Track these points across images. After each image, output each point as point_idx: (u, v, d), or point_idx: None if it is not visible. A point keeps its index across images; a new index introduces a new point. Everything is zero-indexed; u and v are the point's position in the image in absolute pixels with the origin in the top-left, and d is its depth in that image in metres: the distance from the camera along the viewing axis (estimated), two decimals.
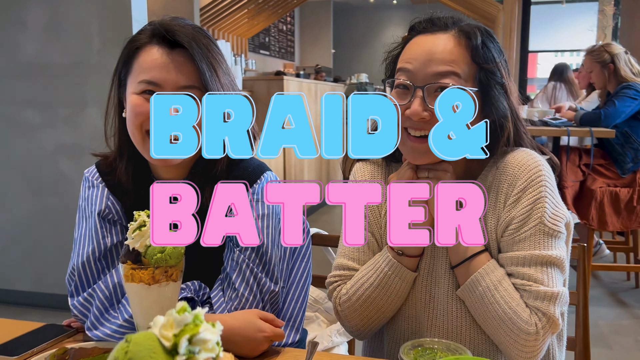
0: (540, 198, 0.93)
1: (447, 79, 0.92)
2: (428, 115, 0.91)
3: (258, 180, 1.07)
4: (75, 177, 3.10)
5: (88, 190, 1.12)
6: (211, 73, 1.03)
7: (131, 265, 0.79)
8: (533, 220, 0.93)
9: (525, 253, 0.92)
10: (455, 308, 0.98)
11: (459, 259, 0.95)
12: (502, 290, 0.91)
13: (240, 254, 1.03)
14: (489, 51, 0.96)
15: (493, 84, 0.95)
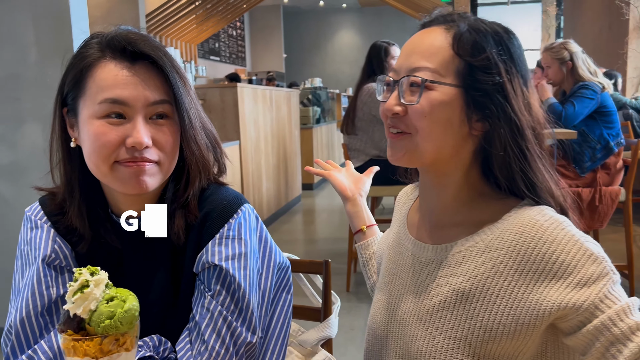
0: (602, 283, 0.76)
1: (419, 73, 0.83)
2: (401, 110, 0.85)
3: (234, 214, 0.93)
4: (12, 199, 2.86)
5: (31, 232, 0.95)
6: (183, 85, 0.89)
7: (73, 335, 0.64)
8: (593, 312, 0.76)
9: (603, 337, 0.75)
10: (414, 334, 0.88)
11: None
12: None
13: (213, 300, 0.89)
14: (477, 42, 0.83)
15: (481, 82, 0.82)
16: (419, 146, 0.84)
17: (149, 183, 0.88)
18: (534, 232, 0.79)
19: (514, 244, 0.80)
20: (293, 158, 6.44)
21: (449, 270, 0.87)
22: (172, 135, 0.89)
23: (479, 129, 0.85)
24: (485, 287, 0.82)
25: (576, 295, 0.75)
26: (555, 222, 0.80)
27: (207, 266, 0.91)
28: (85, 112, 0.87)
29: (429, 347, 0.85)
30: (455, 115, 0.83)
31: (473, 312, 0.82)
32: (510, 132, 0.83)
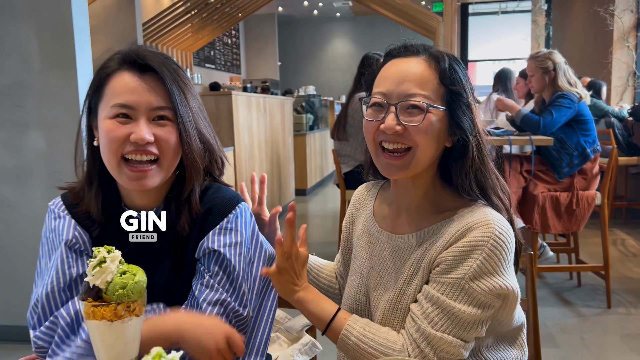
0: (474, 254, 0.98)
1: (417, 98, 1.01)
2: (401, 129, 1.01)
3: (233, 210, 1.09)
4: (17, 203, 2.98)
5: (54, 222, 1.10)
6: (180, 95, 1.05)
7: (92, 302, 0.78)
8: (458, 272, 0.98)
9: (438, 294, 0.99)
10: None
11: (323, 327, 1.05)
12: (369, 340, 1.02)
13: (211, 279, 1.05)
14: (455, 74, 1.04)
15: (459, 104, 1.04)
16: (418, 158, 1.02)
17: (149, 184, 1.04)
18: (473, 225, 1.00)
19: (456, 234, 1.01)
20: (286, 164, 6.58)
21: (406, 257, 1.08)
22: (173, 135, 1.05)
23: (450, 142, 1.06)
24: (426, 270, 1.04)
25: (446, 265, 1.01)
26: (489, 226, 0.99)
27: (208, 251, 1.06)
28: (102, 114, 1.04)
29: (390, 322, 1.08)
30: (443, 131, 1.04)
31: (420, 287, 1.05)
32: (477, 143, 1.05)
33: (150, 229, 1.07)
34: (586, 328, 3.00)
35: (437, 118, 1.02)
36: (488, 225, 0.98)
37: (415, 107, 1.01)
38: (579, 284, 3.68)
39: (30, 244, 2.98)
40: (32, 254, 2.98)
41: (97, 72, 1.07)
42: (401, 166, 1.03)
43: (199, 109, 1.11)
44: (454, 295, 0.98)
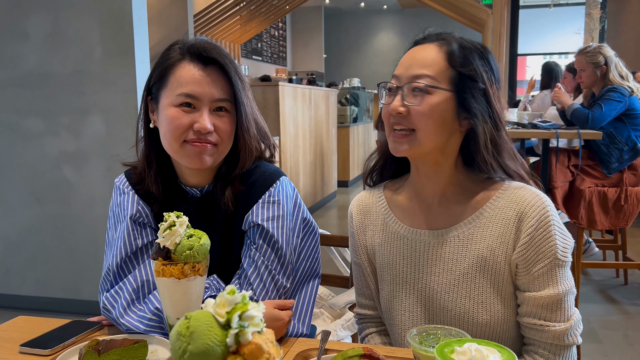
0: (551, 237, 1.02)
1: (421, 80, 1.03)
2: (405, 110, 1.03)
3: (274, 184, 1.17)
4: (77, 184, 3.16)
5: (120, 197, 1.21)
6: (242, 87, 1.14)
7: (162, 261, 0.87)
8: (547, 257, 1.02)
9: (545, 294, 1.02)
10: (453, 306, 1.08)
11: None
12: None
13: (257, 252, 1.13)
14: (466, 57, 1.04)
15: (469, 88, 1.03)
16: (420, 140, 1.03)
17: (207, 161, 1.13)
18: (527, 209, 1.03)
19: (512, 218, 1.04)
20: (330, 155, 6.65)
21: (463, 246, 1.07)
22: (230, 125, 1.14)
23: (465, 126, 1.06)
24: (495, 256, 1.05)
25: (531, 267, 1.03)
26: (542, 204, 1.03)
27: (252, 225, 1.15)
28: (165, 101, 1.12)
29: (461, 312, 1.07)
30: (449, 114, 1.04)
31: (491, 277, 1.06)
32: (492, 127, 1.06)
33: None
34: (630, 326, 2.95)
35: (441, 100, 1.02)
36: (537, 202, 1.03)
37: (419, 90, 1.02)
38: (626, 281, 3.61)
39: (88, 223, 3.17)
40: (90, 232, 3.18)
41: (161, 61, 1.15)
42: (405, 143, 1.04)
43: (253, 101, 1.20)
44: (554, 278, 1.02)
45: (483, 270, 1.05)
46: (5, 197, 3.28)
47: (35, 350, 1.03)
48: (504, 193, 1.07)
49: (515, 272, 1.05)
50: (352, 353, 0.86)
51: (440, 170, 1.09)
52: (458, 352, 0.76)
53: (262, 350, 0.50)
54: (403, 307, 1.13)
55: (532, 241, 1.02)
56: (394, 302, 1.14)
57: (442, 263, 1.09)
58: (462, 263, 1.07)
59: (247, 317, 0.51)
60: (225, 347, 0.50)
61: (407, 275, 1.12)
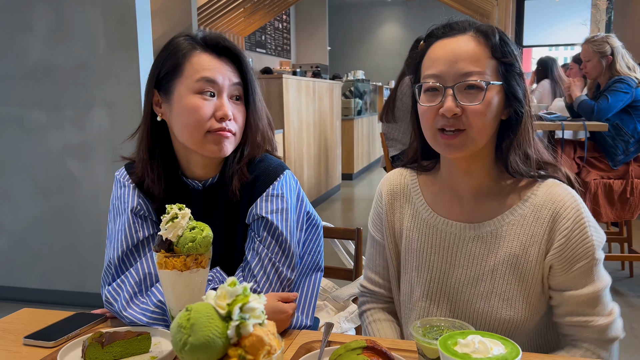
0: (587, 237, 1.00)
1: (474, 77, 0.98)
2: (460, 111, 0.98)
3: (278, 178, 1.17)
4: (82, 177, 3.17)
5: (120, 190, 1.21)
6: (253, 75, 1.16)
7: (165, 253, 0.87)
8: (586, 257, 1.00)
9: (585, 292, 1.01)
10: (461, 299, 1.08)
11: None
12: None
13: (261, 244, 1.13)
14: (506, 45, 1.02)
15: (513, 75, 1.02)
16: (475, 139, 1.00)
17: (228, 149, 1.14)
18: (558, 206, 1.01)
19: (548, 218, 1.02)
20: (334, 148, 6.64)
21: (494, 243, 1.06)
22: (243, 114, 1.16)
23: (506, 115, 1.04)
24: (526, 254, 1.04)
25: (566, 268, 1.01)
26: (576, 205, 1.01)
27: (257, 218, 1.14)
28: (182, 89, 1.12)
29: (485, 307, 1.06)
30: (500, 107, 1.02)
31: (519, 275, 1.04)
32: (528, 111, 1.04)
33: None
34: (636, 318, 2.95)
35: (494, 94, 1.00)
36: (571, 203, 1.01)
37: (473, 87, 0.98)
38: (631, 274, 3.60)
39: (92, 217, 3.18)
40: (94, 225, 3.19)
41: (171, 52, 1.14)
42: (459, 144, 1.00)
43: (260, 90, 1.20)
44: (592, 275, 1.01)
45: (512, 268, 1.04)
46: (10, 190, 3.30)
47: (39, 342, 1.03)
48: (538, 191, 1.04)
49: (549, 273, 1.03)
50: (355, 345, 0.86)
51: (478, 166, 1.06)
52: (461, 344, 0.75)
53: (263, 343, 0.50)
54: (425, 295, 1.12)
55: (568, 242, 1.00)
56: (417, 288, 1.13)
57: (471, 257, 1.07)
58: (492, 259, 1.05)
59: (248, 309, 0.50)
60: (226, 339, 0.49)
61: (434, 265, 1.11)
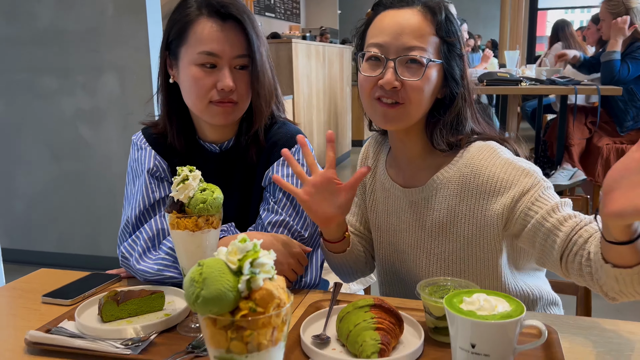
0: (521, 171, 1.00)
1: (416, 52, 0.99)
2: (399, 84, 1.00)
3: (295, 144, 1.19)
4: (94, 142, 3.20)
5: (137, 152, 1.23)
6: (258, 42, 1.14)
7: (176, 214, 0.89)
8: (533, 187, 0.98)
9: (545, 215, 0.96)
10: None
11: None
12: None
13: (276, 205, 1.16)
14: (451, 25, 1.03)
15: (454, 56, 1.03)
16: (411, 114, 1.02)
17: (230, 119, 1.16)
18: (477, 163, 1.03)
19: (467, 176, 1.04)
20: (344, 114, 6.61)
21: (429, 206, 1.10)
22: (247, 83, 1.16)
23: (442, 94, 1.06)
24: (455, 214, 1.07)
25: (514, 203, 0.99)
26: (492, 152, 1.03)
27: (273, 181, 1.15)
28: (186, 59, 1.13)
29: (429, 268, 1.12)
30: (437, 85, 1.04)
31: (451, 236, 1.08)
32: (466, 92, 1.06)
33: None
34: None
35: (433, 72, 1.01)
36: (485, 156, 1.02)
37: (414, 62, 0.99)
38: None
39: (105, 181, 3.22)
40: (108, 190, 3.23)
41: (178, 17, 1.14)
42: (395, 116, 1.02)
43: (267, 55, 1.19)
44: (545, 201, 0.97)
45: (446, 231, 1.07)
46: (24, 155, 3.34)
47: (57, 300, 1.07)
48: (463, 154, 1.06)
49: (505, 227, 1.02)
50: (362, 303, 0.88)
51: (411, 139, 1.09)
52: (467, 302, 0.77)
53: (272, 296, 0.52)
54: (381, 253, 1.21)
55: (502, 186, 1.00)
56: (375, 244, 1.23)
57: (409, 221, 1.13)
58: (427, 222, 1.10)
59: (258, 264, 0.52)
60: (237, 293, 0.51)
61: (384, 225, 1.18)
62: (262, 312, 0.51)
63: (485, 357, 0.74)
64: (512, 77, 3.36)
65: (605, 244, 0.80)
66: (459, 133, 1.07)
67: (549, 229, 0.95)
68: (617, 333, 0.92)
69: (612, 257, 0.80)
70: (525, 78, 3.44)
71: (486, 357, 0.74)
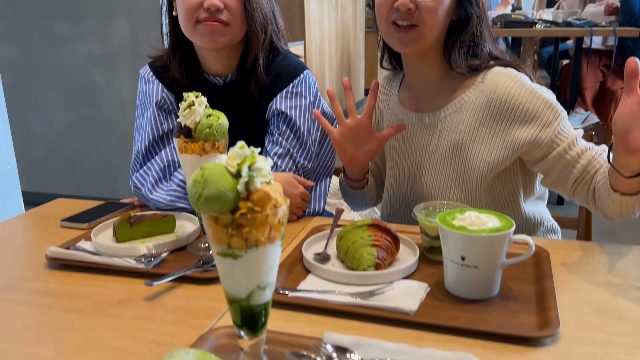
0: (544, 101, 1.04)
1: None
2: (413, 6, 1.03)
3: (298, 76, 1.21)
4: (107, 87, 3.23)
5: (145, 86, 1.27)
6: None
7: (184, 139, 0.93)
8: (555, 119, 1.04)
9: (565, 146, 1.03)
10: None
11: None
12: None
13: (280, 137, 1.19)
14: None
15: None
16: (426, 35, 1.05)
17: (220, 41, 1.16)
18: (502, 89, 1.06)
19: (493, 101, 1.07)
20: (357, 62, 6.53)
21: (445, 129, 1.13)
22: (239, 3, 1.16)
23: (457, 15, 1.08)
24: (473, 137, 1.10)
25: (538, 134, 1.04)
26: (516, 79, 1.06)
27: (276, 113, 1.19)
28: None
29: (436, 188, 1.15)
30: (451, 6, 1.06)
31: (466, 157, 1.11)
32: (481, 11, 1.08)
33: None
34: None
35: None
36: (509, 82, 1.05)
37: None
38: None
39: (120, 126, 3.27)
40: (123, 134, 3.29)
41: None
42: (411, 39, 1.05)
43: None
44: (564, 132, 1.04)
45: (460, 152, 1.11)
46: (39, 100, 3.39)
47: (74, 224, 1.13)
48: (484, 79, 1.09)
49: (525, 153, 1.07)
50: (361, 223, 0.92)
51: (427, 63, 1.12)
52: (459, 218, 0.81)
53: (269, 197, 0.56)
54: (392, 178, 1.24)
55: (526, 116, 1.04)
56: (388, 176, 1.26)
57: (421, 144, 1.16)
58: (441, 145, 1.13)
59: (255, 168, 0.56)
60: (236, 194, 0.55)
61: (398, 152, 1.21)
62: (259, 211, 0.56)
63: (474, 268, 0.78)
64: (527, 19, 3.29)
65: (617, 177, 0.90)
66: (477, 55, 1.10)
67: (568, 161, 1.03)
68: (612, 256, 0.96)
69: (621, 187, 0.92)
70: (541, 20, 3.37)
71: (475, 268, 0.78)
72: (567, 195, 1.07)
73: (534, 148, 1.05)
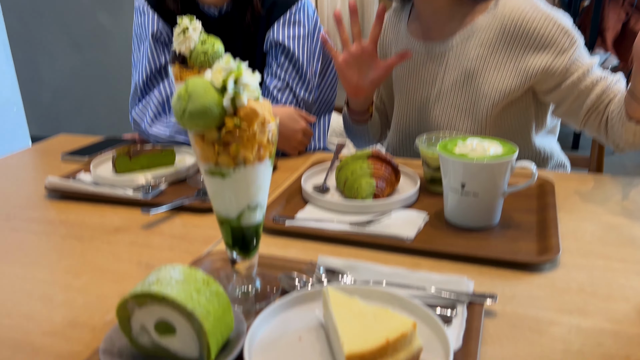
0: (562, 27, 0.99)
1: None
2: None
3: (296, 3, 1.16)
4: (113, 30, 3.18)
5: (141, 18, 1.23)
6: None
7: (179, 66, 0.90)
8: (571, 46, 0.99)
9: (580, 75, 0.99)
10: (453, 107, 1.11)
11: None
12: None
13: (279, 69, 1.15)
14: None
15: None
16: None
17: None
18: (517, 14, 1.02)
19: (508, 26, 1.03)
20: None
21: (456, 57, 1.09)
22: None
23: None
24: (484, 64, 1.06)
25: (553, 62, 1.00)
26: (533, 4, 1.02)
27: (274, 44, 1.15)
28: None
29: (445, 119, 1.12)
30: None
31: (477, 86, 1.07)
32: None
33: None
34: None
35: None
36: (524, 7, 1.01)
37: None
38: None
39: (127, 69, 3.23)
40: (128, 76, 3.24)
41: None
42: None
43: None
44: (580, 60, 1.00)
45: (471, 80, 1.07)
46: (45, 44, 3.35)
47: (75, 157, 1.13)
48: (497, 4, 1.05)
49: (539, 81, 1.03)
50: (361, 154, 0.90)
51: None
52: (460, 146, 0.78)
53: (256, 113, 0.54)
54: (400, 112, 1.20)
55: (541, 42, 1.00)
56: (396, 109, 1.22)
57: (432, 74, 1.13)
58: (451, 74, 1.09)
59: (241, 82, 0.53)
60: (222, 109, 0.53)
61: (406, 84, 1.18)
62: (246, 128, 0.54)
63: (474, 196, 0.76)
64: None
65: (634, 105, 0.88)
66: None
67: (581, 90, 1.00)
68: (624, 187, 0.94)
69: (638, 114, 0.89)
70: None
71: (475, 197, 0.76)
72: (579, 125, 1.04)
73: (547, 76, 1.01)
